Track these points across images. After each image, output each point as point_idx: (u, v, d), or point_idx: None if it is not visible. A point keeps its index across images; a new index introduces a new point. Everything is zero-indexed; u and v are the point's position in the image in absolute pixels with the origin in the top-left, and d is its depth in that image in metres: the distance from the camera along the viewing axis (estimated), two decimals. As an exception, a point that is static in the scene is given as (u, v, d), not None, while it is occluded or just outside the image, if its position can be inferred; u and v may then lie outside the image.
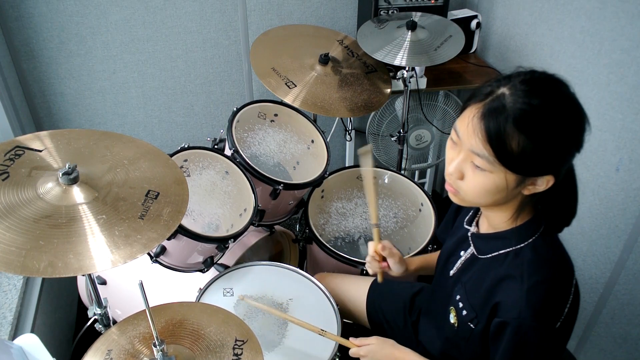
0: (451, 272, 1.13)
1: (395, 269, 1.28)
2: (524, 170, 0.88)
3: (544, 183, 0.90)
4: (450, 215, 1.29)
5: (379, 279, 1.33)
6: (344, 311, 1.49)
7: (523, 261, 0.96)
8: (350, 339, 1.21)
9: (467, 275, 1.08)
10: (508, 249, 0.99)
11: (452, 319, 1.09)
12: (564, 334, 0.97)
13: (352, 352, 1.20)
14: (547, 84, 0.88)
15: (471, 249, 1.09)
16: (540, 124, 0.84)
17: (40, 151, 1.07)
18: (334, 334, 1.24)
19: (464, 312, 1.05)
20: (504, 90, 0.87)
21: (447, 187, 0.99)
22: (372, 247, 1.26)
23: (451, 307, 1.10)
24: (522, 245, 0.98)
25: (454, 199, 1.00)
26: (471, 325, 1.03)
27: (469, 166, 0.92)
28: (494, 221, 1.02)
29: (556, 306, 0.93)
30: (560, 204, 0.97)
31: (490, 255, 1.02)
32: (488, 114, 0.86)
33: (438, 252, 1.39)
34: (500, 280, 0.97)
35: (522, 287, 0.92)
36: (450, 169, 0.94)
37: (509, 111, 0.84)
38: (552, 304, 0.93)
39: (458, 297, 1.07)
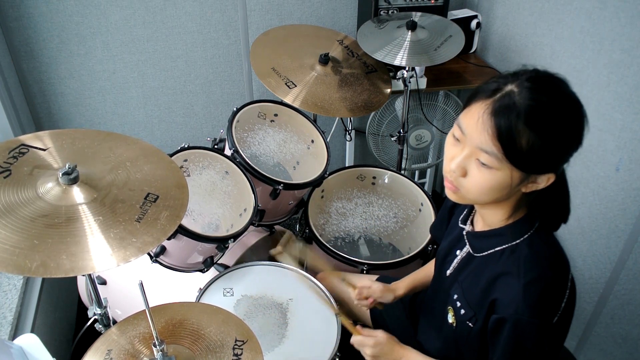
0: (448, 272, 1.13)
1: (384, 300, 1.36)
2: (530, 167, 0.88)
3: (544, 180, 0.91)
4: (444, 212, 1.28)
5: (379, 307, 1.42)
6: (346, 310, 1.49)
7: (519, 257, 0.96)
8: (358, 326, 1.22)
9: (464, 274, 1.08)
10: (504, 246, 0.99)
11: (451, 318, 1.09)
12: (561, 330, 0.97)
13: (356, 340, 1.18)
14: (551, 82, 0.88)
15: (467, 248, 1.09)
16: (548, 121, 0.85)
17: (44, 150, 1.07)
18: (346, 319, 1.28)
19: (462, 312, 1.05)
20: (511, 87, 0.87)
21: (446, 184, 0.98)
22: (353, 295, 1.38)
23: (449, 307, 1.10)
24: (517, 241, 0.98)
25: (452, 196, 0.98)
26: (470, 324, 1.03)
27: (474, 163, 0.91)
28: (490, 219, 1.02)
29: (553, 302, 0.94)
30: (554, 202, 0.97)
31: (486, 253, 1.03)
32: (499, 111, 0.85)
33: (423, 268, 1.41)
34: (496, 277, 0.98)
35: (519, 283, 0.93)
36: (452, 165, 0.93)
37: (519, 108, 0.84)
38: (548, 299, 0.93)
39: (455, 296, 1.07)
